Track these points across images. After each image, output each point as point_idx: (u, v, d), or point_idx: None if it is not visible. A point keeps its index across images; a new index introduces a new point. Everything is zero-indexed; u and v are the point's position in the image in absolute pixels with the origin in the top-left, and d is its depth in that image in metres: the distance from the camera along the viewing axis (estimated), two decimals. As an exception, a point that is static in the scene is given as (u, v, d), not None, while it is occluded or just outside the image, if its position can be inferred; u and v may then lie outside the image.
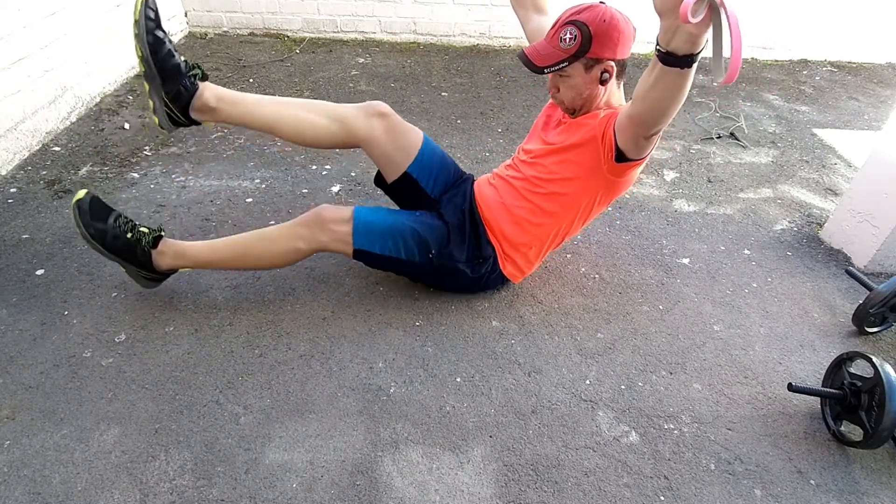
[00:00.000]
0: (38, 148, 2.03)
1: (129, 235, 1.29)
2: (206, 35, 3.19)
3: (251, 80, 2.69)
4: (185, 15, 3.16)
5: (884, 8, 3.14)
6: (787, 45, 3.27)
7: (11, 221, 1.68)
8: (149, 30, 1.18)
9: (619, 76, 1.24)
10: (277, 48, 3.07)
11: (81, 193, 1.26)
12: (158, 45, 1.20)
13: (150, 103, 1.27)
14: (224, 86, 2.68)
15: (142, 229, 1.31)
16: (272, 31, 3.24)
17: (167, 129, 1.31)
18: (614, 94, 1.27)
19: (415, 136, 1.43)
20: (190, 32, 3.20)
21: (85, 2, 2.26)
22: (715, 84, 0.80)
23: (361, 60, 2.98)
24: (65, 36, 2.15)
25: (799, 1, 3.11)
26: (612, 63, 1.19)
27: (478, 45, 3.27)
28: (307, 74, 2.78)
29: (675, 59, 0.75)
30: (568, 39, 1.16)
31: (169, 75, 1.23)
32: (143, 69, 1.22)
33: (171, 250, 1.33)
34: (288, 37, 3.22)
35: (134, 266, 1.32)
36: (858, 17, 3.16)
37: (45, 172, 1.91)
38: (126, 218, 1.31)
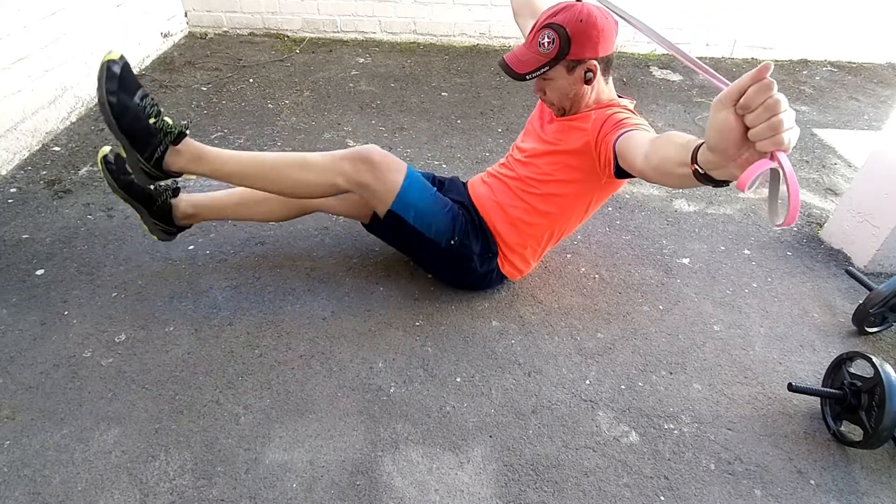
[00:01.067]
0: (38, 148, 2.03)
1: (152, 121, 1.18)
2: (206, 35, 3.19)
3: (251, 80, 2.69)
4: (185, 15, 3.16)
5: (884, 8, 3.14)
6: (787, 45, 3.27)
7: (11, 221, 1.68)
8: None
9: (604, 73, 1.21)
10: (277, 48, 3.07)
11: (115, 55, 1.13)
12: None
13: (144, 228, 1.42)
14: (223, 86, 2.68)
15: (167, 119, 1.21)
16: (272, 31, 3.24)
17: (170, 239, 1.47)
18: (602, 90, 1.24)
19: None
20: (190, 32, 3.20)
21: (85, 2, 2.26)
22: (772, 226, 0.80)
23: (361, 60, 2.98)
24: (65, 36, 2.15)
25: (799, 1, 3.11)
26: (595, 62, 1.16)
27: (478, 45, 3.27)
28: (307, 74, 2.78)
29: (710, 181, 0.71)
30: (546, 44, 1.15)
31: (145, 200, 1.33)
32: (130, 206, 1.35)
33: (189, 151, 1.22)
34: (288, 37, 3.22)
35: (139, 156, 1.19)
36: (858, 17, 3.16)
37: (45, 172, 1.91)
38: (153, 100, 1.21)
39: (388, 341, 1.37)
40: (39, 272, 1.50)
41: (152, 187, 1.36)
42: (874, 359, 1.14)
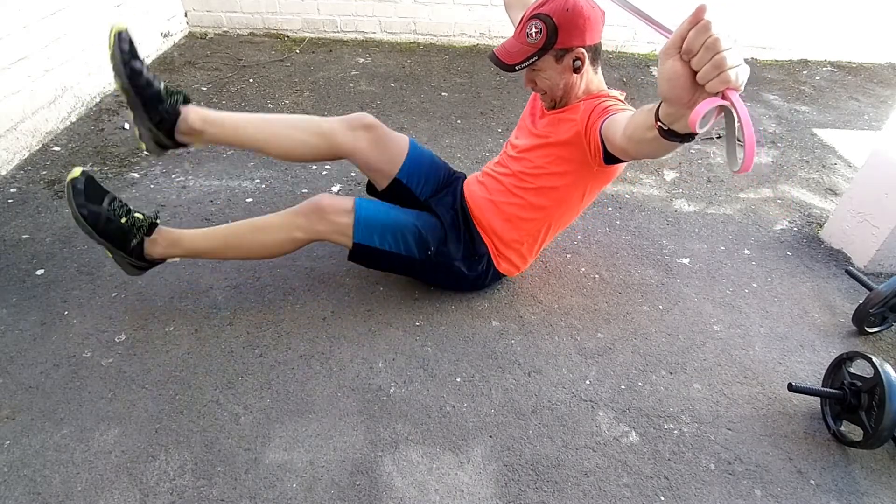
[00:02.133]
0: (38, 148, 2.03)
1: (123, 220, 1.26)
2: (206, 35, 3.19)
3: (251, 80, 2.69)
4: (185, 15, 3.16)
5: (884, 8, 3.14)
6: (787, 45, 3.27)
7: (11, 221, 1.68)
8: (125, 62, 1.18)
9: (593, 62, 1.22)
10: (277, 48, 3.07)
11: (77, 172, 1.21)
12: (136, 75, 1.20)
13: (136, 130, 1.28)
14: (223, 86, 2.69)
15: (136, 215, 1.29)
16: (272, 31, 3.24)
17: (154, 153, 1.32)
18: (592, 79, 1.25)
19: (401, 143, 1.44)
20: (190, 32, 3.20)
21: (85, 2, 2.26)
22: (731, 172, 0.79)
23: (361, 60, 2.98)
24: (65, 36, 2.15)
25: (799, 1, 3.11)
26: (583, 50, 1.17)
27: (478, 45, 3.27)
28: (307, 74, 2.78)
29: (676, 136, 0.73)
30: (534, 34, 1.16)
31: (150, 103, 1.24)
32: (125, 98, 1.24)
33: (164, 239, 1.31)
34: (288, 37, 3.22)
35: (123, 253, 1.28)
36: (858, 17, 3.16)
37: (45, 172, 1.91)
38: (121, 202, 1.29)
39: (388, 341, 1.37)
40: (39, 272, 1.50)
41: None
42: (874, 359, 1.14)
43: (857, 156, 2.32)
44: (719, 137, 2.40)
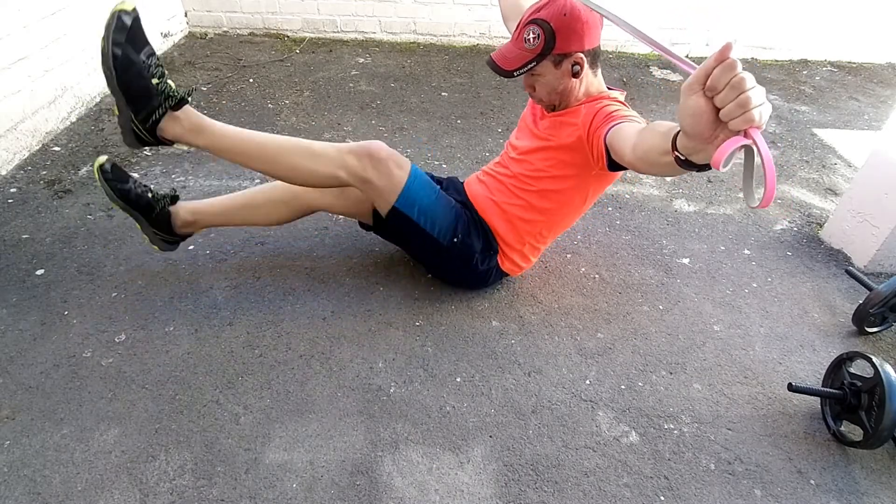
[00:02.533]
0: (38, 148, 2.03)
1: (154, 80, 1.15)
2: (206, 35, 3.19)
3: (251, 80, 2.69)
4: (185, 15, 3.16)
5: (884, 8, 3.14)
6: (787, 45, 3.27)
7: (11, 221, 1.68)
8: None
9: (592, 66, 1.21)
10: (277, 48, 3.07)
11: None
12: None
13: (145, 239, 1.40)
14: (223, 86, 2.69)
15: (170, 83, 1.19)
16: (272, 31, 3.24)
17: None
18: (591, 82, 1.24)
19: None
20: (190, 32, 3.20)
21: (85, 2, 2.26)
22: (749, 207, 0.79)
23: (361, 60, 2.98)
24: (65, 36, 2.15)
25: (799, 1, 3.11)
26: (581, 55, 1.16)
27: (478, 45, 3.27)
28: (307, 74, 2.78)
29: (692, 166, 0.72)
30: (532, 39, 1.15)
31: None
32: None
33: (189, 119, 1.21)
34: (288, 37, 3.22)
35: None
36: (858, 17, 3.16)
37: (45, 172, 1.91)
38: (159, 60, 1.19)
39: (388, 341, 1.37)
40: (39, 272, 1.50)
41: (150, 195, 1.34)
42: (874, 359, 1.14)
43: (857, 156, 2.32)
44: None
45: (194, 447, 1.11)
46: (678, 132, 0.72)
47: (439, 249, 1.37)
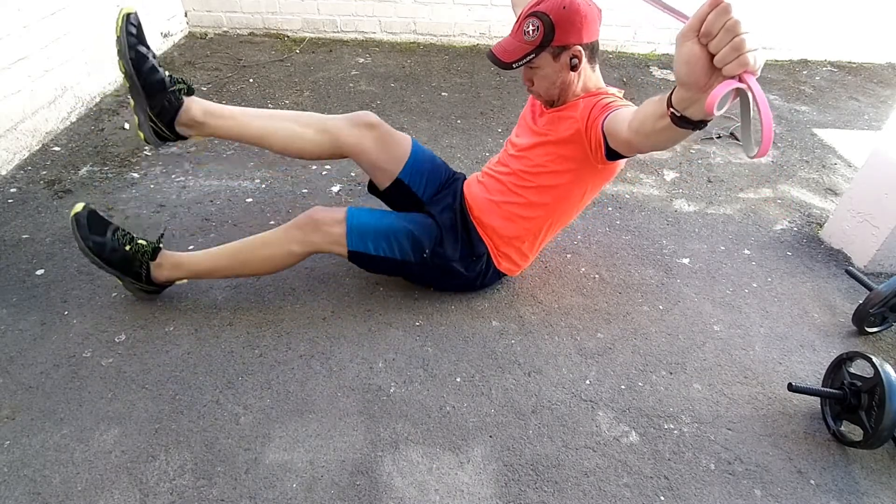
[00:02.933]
0: (38, 148, 2.03)
1: (127, 248, 1.29)
2: (206, 35, 3.19)
3: (251, 80, 2.69)
4: (185, 15, 3.16)
5: (884, 8, 3.14)
6: (787, 45, 3.27)
7: (11, 221, 1.68)
8: (131, 45, 1.17)
9: (590, 60, 1.22)
10: (277, 48, 3.07)
11: (79, 207, 1.27)
12: (141, 60, 1.19)
13: (136, 119, 1.27)
14: (223, 86, 2.69)
15: (140, 242, 1.31)
16: (272, 31, 3.24)
17: (153, 143, 1.29)
18: (590, 77, 1.25)
19: (404, 143, 1.43)
20: (190, 32, 3.20)
21: (85, 2, 2.26)
22: (748, 157, 0.78)
23: (361, 60, 2.98)
24: (65, 36, 2.15)
25: (799, 1, 3.11)
26: (580, 48, 1.17)
27: (478, 45, 3.27)
28: (307, 74, 2.78)
29: (689, 123, 0.73)
30: (531, 31, 1.16)
31: (153, 91, 1.22)
32: (127, 84, 1.22)
33: (168, 262, 1.34)
34: (288, 37, 3.22)
35: (131, 278, 1.33)
36: (858, 17, 3.16)
37: (45, 172, 1.91)
38: (124, 231, 1.32)
39: (388, 341, 1.37)
40: (39, 272, 1.50)
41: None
42: (874, 359, 1.14)
43: (857, 156, 2.32)
44: (719, 137, 2.40)
45: (194, 447, 1.11)
46: (672, 90, 0.73)
47: (414, 268, 1.39)
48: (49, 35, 2.06)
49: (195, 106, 1.29)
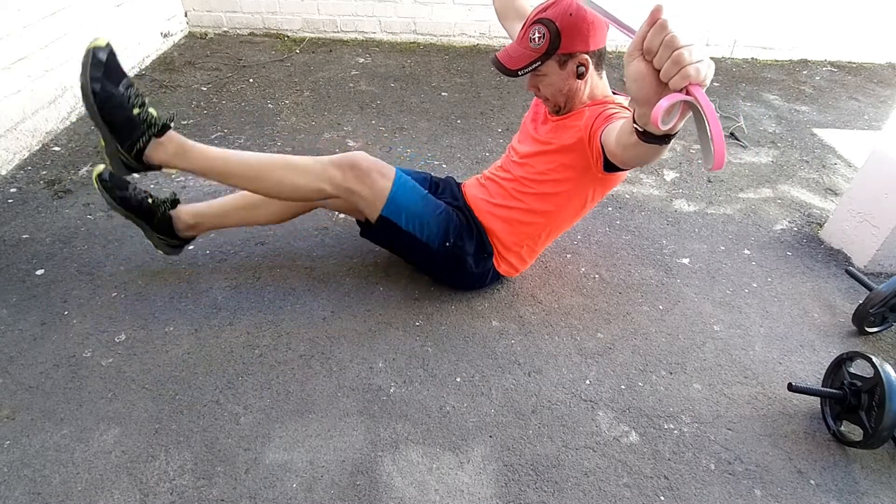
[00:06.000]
0: (38, 148, 2.03)
1: (135, 111, 1.16)
2: (206, 35, 3.19)
3: (251, 80, 2.69)
4: (185, 15, 3.16)
5: (884, 8, 3.14)
6: (787, 45, 3.27)
7: (11, 221, 1.68)
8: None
9: (597, 67, 1.21)
10: (277, 48, 3.07)
11: (102, 41, 1.13)
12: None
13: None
14: (223, 86, 2.68)
15: (151, 110, 1.20)
16: (272, 31, 3.24)
17: (118, 174, 1.24)
18: (597, 84, 1.24)
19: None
20: (190, 32, 3.20)
21: (85, 2, 2.26)
22: (706, 170, 0.78)
23: (361, 60, 2.98)
24: (65, 36, 2.15)
25: (799, 1, 3.11)
26: (586, 56, 1.16)
27: (478, 45, 3.27)
28: (307, 74, 2.78)
29: (652, 139, 0.74)
30: (537, 38, 1.15)
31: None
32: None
33: (173, 144, 1.21)
34: (288, 37, 3.22)
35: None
36: (858, 17, 3.16)
37: (45, 172, 1.91)
38: (138, 91, 1.20)
39: (388, 341, 1.37)
40: (39, 272, 1.50)
41: (150, 200, 1.35)
42: (874, 359, 1.14)
43: (857, 156, 2.32)
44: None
45: (194, 447, 1.11)
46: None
47: (431, 253, 1.37)
48: (49, 35, 2.06)
49: (183, 215, 1.40)
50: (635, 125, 0.75)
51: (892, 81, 3.13)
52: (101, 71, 1.11)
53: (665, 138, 0.74)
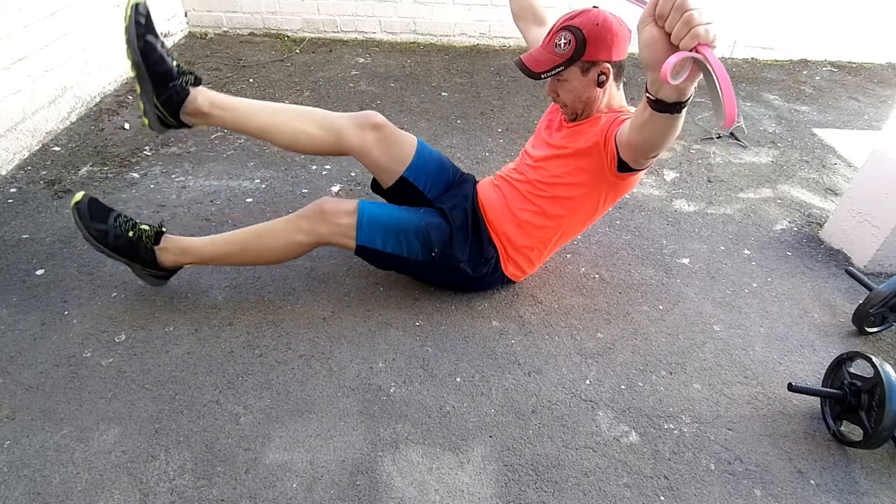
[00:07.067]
0: (38, 148, 2.03)
1: (130, 234, 1.29)
2: (206, 35, 3.19)
3: (251, 80, 2.69)
4: (185, 15, 3.16)
5: (884, 8, 3.14)
6: (787, 45, 3.27)
7: (11, 221, 1.68)
8: (139, 35, 1.18)
9: (616, 77, 1.25)
10: (277, 48, 3.07)
11: (79, 196, 1.26)
12: (149, 49, 1.19)
13: (141, 105, 1.27)
14: (223, 86, 2.69)
15: (143, 227, 1.31)
16: (272, 31, 3.24)
17: (157, 131, 1.30)
18: (614, 95, 1.27)
19: (408, 143, 1.43)
20: (190, 32, 3.20)
21: (85, 2, 2.26)
22: (718, 127, 0.81)
23: (361, 60, 2.98)
24: (65, 36, 2.15)
25: (799, 1, 3.11)
26: (608, 65, 1.20)
27: (478, 45, 3.27)
28: (307, 74, 2.78)
29: (664, 106, 0.77)
30: (563, 44, 1.18)
31: (160, 79, 1.22)
32: (135, 72, 1.22)
33: (173, 246, 1.33)
34: (288, 37, 3.22)
35: (139, 264, 1.33)
36: (858, 17, 3.16)
37: (45, 172, 1.91)
38: (125, 217, 1.31)
39: (388, 341, 1.37)
40: (39, 272, 1.50)
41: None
42: (874, 359, 1.14)
43: (857, 156, 2.32)
44: (719, 137, 2.40)
45: (194, 447, 1.11)
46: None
47: (421, 266, 1.39)
48: (49, 35, 2.06)
49: (201, 97, 1.28)
50: (647, 95, 0.78)
51: (892, 81, 3.13)
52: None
53: (677, 106, 0.76)
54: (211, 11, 3.16)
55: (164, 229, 1.34)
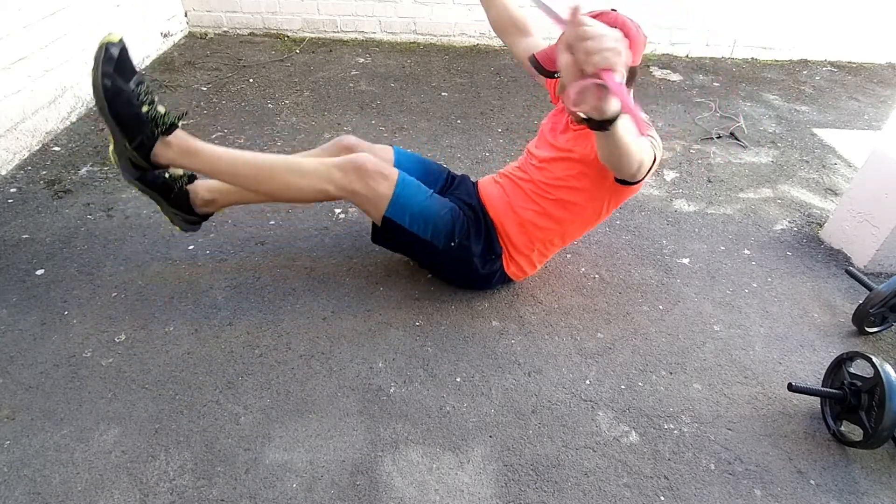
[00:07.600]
0: (38, 148, 2.03)
1: (144, 108, 1.15)
2: (206, 35, 3.19)
3: (251, 80, 2.68)
4: (185, 15, 3.16)
5: (884, 8, 3.14)
6: (787, 45, 3.27)
7: (11, 221, 1.68)
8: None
9: (629, 82, 1.24)
10: (277, 48, 3.07)
11: (116, 37, 1.11)
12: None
13: (166, 218, 1.35)
14: (223, 86, 2.69)
15: (159, 108, 1.18)
16: (272, 31, 3.24)
17: (129, 176, 1.24)
18: None
19: (384, 152, 1.46)
20: (190, 32, 3.20)
21: (85, 2, 2.26)
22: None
23: (361, 60, 2.98)
24: (65, 36, 2.15)
25: (799, 1, 3.11)
26: None
27: (478, 45, 3.27)
28: (307, 74, 2.78)
29: (594, 124, 0.79)
30: None
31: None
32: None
33: (179, 144, 1.20)
34: (288, 37, 3.22)
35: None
36: (858, 17, 3.16)
37: (45, 172, 1.91)
38: (149, 88, 1.19)
39: (388, 341, 1.37)
40: (39, 272, 1.50)
41: (167, 175, 1.30)
42: (874, 359, 1.14)
43: (857, 156, 2.32)
44: (719, 137, 2.40)
45: (194, 447, 1.11)
46: None
47: (436, 253, 1.38)
48: (49, 35, 2.06)
49: (201, 190, 1.35)
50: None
51: (892, 81, 3.13)
52: (113, 66, 1.10)
53: (603, 123, 0.79)
54: (211, 11, 3.16)
55: (179, 124, 1.21)
